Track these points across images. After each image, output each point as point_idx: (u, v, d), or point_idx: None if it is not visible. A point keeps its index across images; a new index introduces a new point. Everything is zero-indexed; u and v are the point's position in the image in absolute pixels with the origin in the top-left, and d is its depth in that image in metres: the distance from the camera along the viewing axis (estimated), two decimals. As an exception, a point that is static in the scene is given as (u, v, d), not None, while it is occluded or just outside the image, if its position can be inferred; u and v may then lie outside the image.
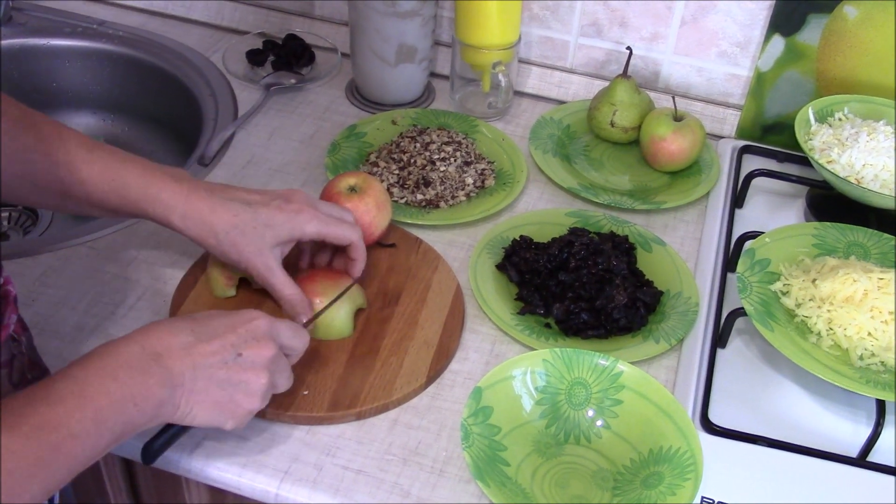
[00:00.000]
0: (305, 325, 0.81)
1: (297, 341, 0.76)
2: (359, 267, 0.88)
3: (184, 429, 0.73)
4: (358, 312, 0.90)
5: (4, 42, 1.27)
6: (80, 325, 0.89)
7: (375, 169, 1.08)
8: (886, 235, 0.98)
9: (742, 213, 1.09)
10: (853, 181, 1.00)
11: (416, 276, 0.95)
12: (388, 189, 1.06)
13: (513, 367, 0.83)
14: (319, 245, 0.91)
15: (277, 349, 0.73)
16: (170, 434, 0.72)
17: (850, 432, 0.85)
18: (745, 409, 0.86)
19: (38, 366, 0.71)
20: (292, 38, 1.29)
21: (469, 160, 1.10)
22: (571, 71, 1.26)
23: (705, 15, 1.16)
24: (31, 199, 0.80)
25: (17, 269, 0.94)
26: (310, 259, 0.93)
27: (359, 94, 1.24)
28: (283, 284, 0.84)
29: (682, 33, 1.19)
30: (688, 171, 1.13)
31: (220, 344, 0.69)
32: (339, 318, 0.87)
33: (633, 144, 1.18)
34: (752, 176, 1.09)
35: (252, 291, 0.91)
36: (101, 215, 0.83)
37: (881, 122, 1.06)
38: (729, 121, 1.21)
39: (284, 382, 0.74)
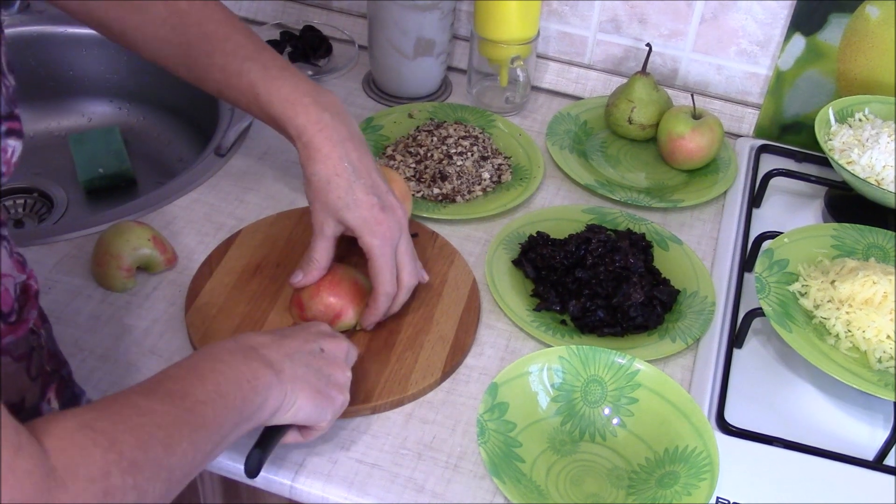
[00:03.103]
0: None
1: (353, 352, 0.78)
2: (369, 319, 0.86)
3: (280, 433, 0.72)
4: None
5: (22, 30, 1.27)
6: (95, 314, 0.89)
7: (392, 162, 1.08)
8: (906, 238, 0.97)
9: (759, 213, 1.08)
10: (873, 182, 0.99)
11: (432, 271, 0.95)
12: (404, 183, 1.05)
13: (529, 364, 0.83)
14: None
15: (349, 348, 0.76)
16: (271, 438, 0.71)
17: (867, 435, 0.85)
18: (761, 410, 0.86)
19: (56, 357, 0.71)
20: (310, 30, 1.28)
21: (486, 155, 1.10)
22: (589, 67, 1.25)
23: (725, 13, 1.15)
24: (187, 80, 0.87)
25: (32, 257, 0.93)
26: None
27: (376, 87, 1.24)
28: (315, 247, 0.85)
29: (702, 31, 1.18)
30: (705, 170, 1.13)
31: (303, 338, 0.72)
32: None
33: (651, 142, 1.17)
34: (770, 175, 1.08)
35: (269, 280, 0.91)
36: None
37: (902, 124, 1.05)
38: (747, 119, 1.21)
39: None
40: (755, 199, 1.09)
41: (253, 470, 0.71)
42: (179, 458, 0.57)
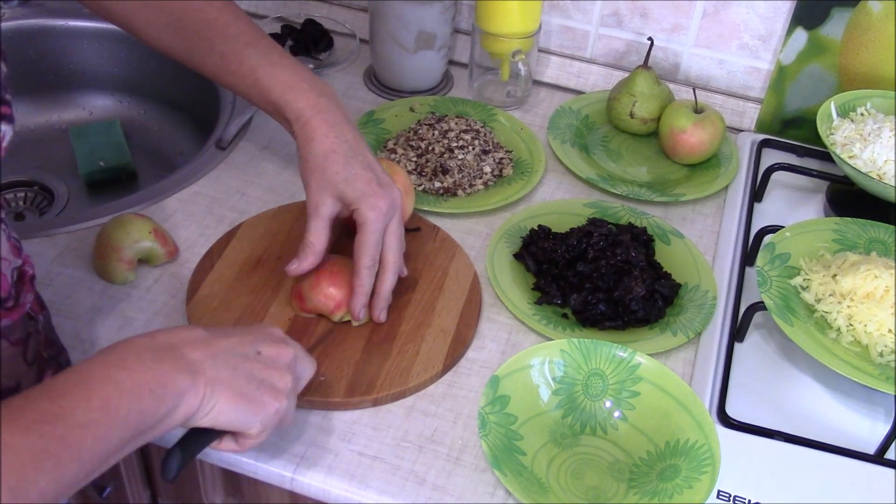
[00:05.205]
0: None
1: (308, 363, 0.73)
2: (357, 301, 0.84)
3: (208, 436, 0.66)
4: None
5: (22, 23, 1.27)
6: (96, 307, 0.89)
7: (393, 156, 1.08)
8: (908, 232, 0.97)
9: (761, 208, 1.08)
10: (875, 177, 0.99)
11: (434, 264, 0.95)
12: (405, 176, 1.05)
13: (531, 357, 0.83)
14: None
15: (295, 355, 0.70)
16: (196, 440, 0.65)
17: (867, 429, 0.85)
18: (762, 404, 0.86)
19: (54, 344, 0.71)
20: (311, 23, 1.28)
21: (487, 149, 1.10)
22: (591, 61, 1.25)
23: (727, 7, 1.15)
24: (186, 65, 0.89)
25: (33, 250, 0.93)
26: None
27: (377, 81, 1.23)
28: (311, 229, 0.84)
29: (704, 25, 1.18)
30: (707, 164, 1.13)
31: (238, 340, 0.66)
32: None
33: (652, 136, 1.17)
34: (771, 170, 1.08)
35: (270, 273, 0.91)
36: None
37: (904, 118, 1.05)
38: (749, 114, 1.20)
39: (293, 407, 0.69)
40: (757, 193, 1.09)
41: (170, 471, 0.64)
42: (35, 497, 0.51)
